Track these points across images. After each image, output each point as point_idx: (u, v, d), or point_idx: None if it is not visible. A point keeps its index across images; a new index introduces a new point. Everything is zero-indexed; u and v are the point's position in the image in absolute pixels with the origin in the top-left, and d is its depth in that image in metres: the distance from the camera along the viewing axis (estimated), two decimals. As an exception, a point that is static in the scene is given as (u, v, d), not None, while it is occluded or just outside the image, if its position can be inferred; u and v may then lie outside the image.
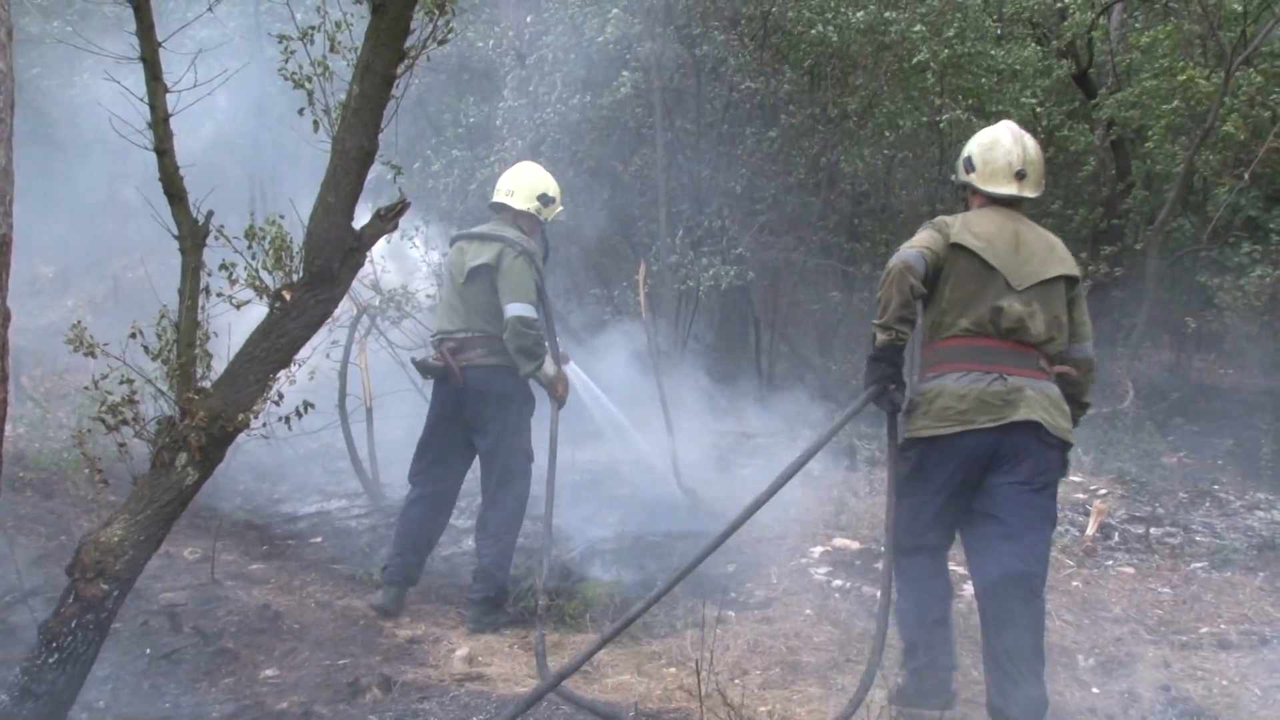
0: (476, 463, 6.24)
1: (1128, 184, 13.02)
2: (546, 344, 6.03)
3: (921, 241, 4.50)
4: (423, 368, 6.16)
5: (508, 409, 6.02)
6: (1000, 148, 4.64)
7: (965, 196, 4.82)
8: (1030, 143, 4.70)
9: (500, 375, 5.99)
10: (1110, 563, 6.92)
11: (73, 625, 3.92)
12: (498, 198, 6.28)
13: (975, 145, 4.74)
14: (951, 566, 4.89)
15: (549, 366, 5.98)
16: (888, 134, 10.13)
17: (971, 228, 4.51)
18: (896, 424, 4.67)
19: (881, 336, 4.46)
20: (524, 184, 6.26)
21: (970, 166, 4.71)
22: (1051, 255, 4.58)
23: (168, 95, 4.01)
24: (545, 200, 6.27)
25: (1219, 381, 12.53)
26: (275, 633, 5.39)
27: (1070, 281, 4.63)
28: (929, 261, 4.44)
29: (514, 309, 5.84)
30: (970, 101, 10.56)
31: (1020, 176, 4.61)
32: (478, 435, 6.08)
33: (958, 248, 4.47)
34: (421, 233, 9.68)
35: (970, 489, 4.49)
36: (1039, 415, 4.37)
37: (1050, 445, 4.42)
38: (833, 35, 9.87)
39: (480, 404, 6.00)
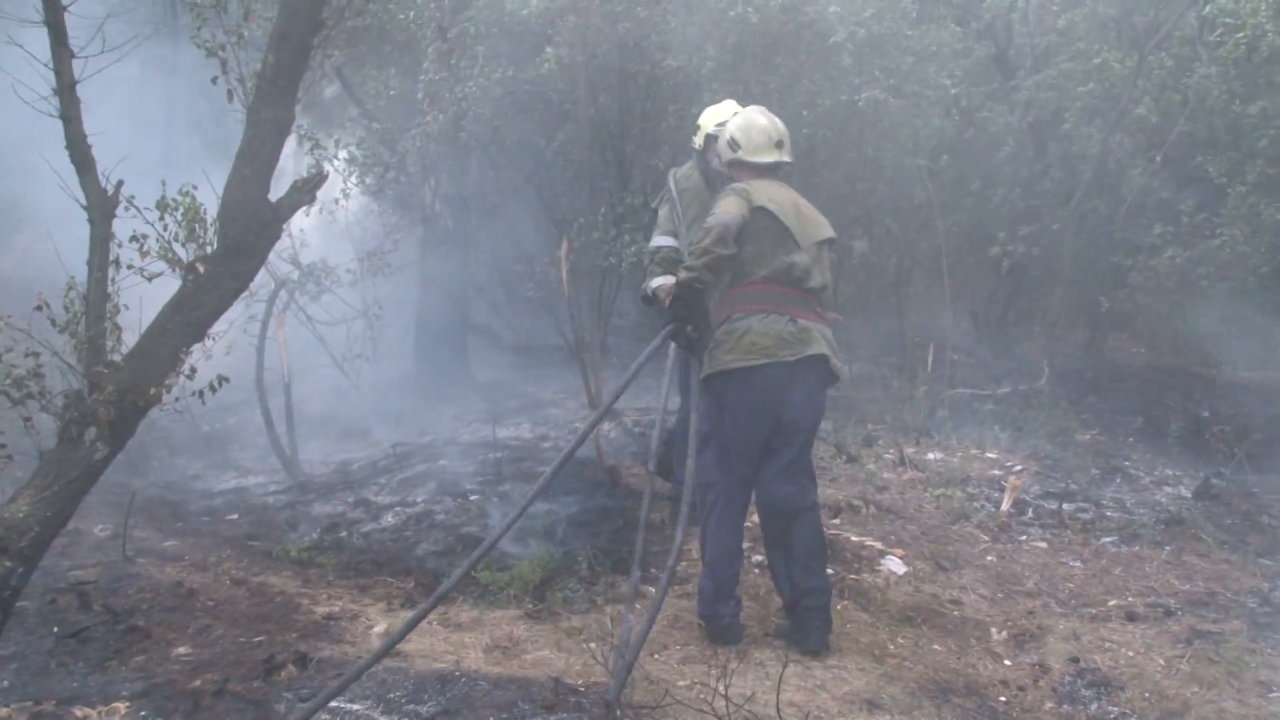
0: None
1: (1045, 165, 13.21)
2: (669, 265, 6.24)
3: (734, 208, 5.11)
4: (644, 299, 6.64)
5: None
6: (757, 125, 5.40)
7: (733, 175, 5.42)
8: (777, 119, 5.47)
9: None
10: (1024, 538, 7.05)
11: (-24, 604, 3.84)
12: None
13: (734, 128, 5.44)
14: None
15: (654, 280, 6.22)
16: (805, 113, 10.16)
17: (768, 194, 5.21)
18: (699, 363, 5.23)
19: (685, 276, 5.04)
20: (701, 123, 6.57)
21: (735, 145, 5.40)
22: (820, 221, 5.35)
23: (73, 61, 3.93)
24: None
25: (1131, 360, 12.78)
26: (189, 610, 5.31)
27: (830, 243, 5.39)
28: (741, 225, 5.08)
29: (651, 244, 6.57)
30: (891, 81, 10.62)
31: (779, 145, 5.39)
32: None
33: (760, 210, 5.14)
34: (342, 205, 9.55)
35: (766, 423, 5.09)
36: (826, 350, 5.13)
37: (826, 380, 5.22)
38: (752, 15, 9.88)
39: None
